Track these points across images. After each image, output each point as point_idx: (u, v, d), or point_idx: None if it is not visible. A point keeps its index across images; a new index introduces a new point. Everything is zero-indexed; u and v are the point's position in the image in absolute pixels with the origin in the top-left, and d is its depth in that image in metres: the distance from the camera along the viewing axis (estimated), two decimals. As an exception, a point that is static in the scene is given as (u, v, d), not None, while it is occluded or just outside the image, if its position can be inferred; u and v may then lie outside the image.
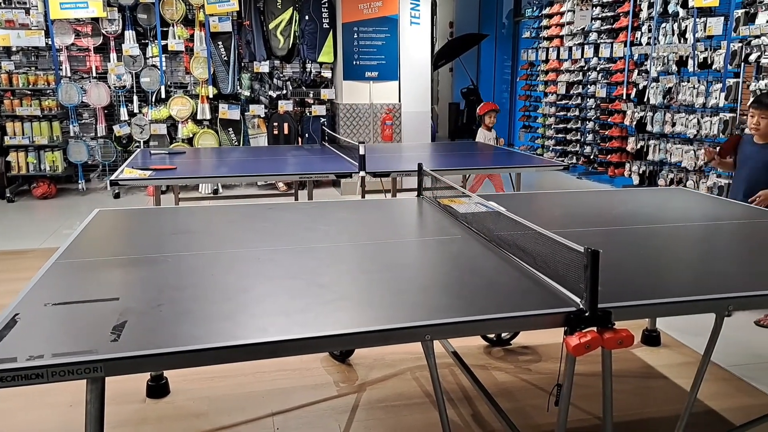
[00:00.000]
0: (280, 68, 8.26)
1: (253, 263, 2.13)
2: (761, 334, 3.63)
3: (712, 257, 2.34)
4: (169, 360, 1.48)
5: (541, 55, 10.41)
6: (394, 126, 7.87)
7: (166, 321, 1.62)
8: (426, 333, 1.62)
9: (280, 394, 2.90)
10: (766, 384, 3.03)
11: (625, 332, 1.64)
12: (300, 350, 1.57)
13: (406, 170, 4.15)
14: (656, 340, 3.49)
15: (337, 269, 2.08)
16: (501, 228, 2.34)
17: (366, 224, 2.78)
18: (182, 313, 1.67)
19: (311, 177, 4.17)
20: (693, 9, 6.72)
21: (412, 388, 2.96)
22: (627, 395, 2.93)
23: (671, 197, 3.39)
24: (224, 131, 8.05)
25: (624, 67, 8.17)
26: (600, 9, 8.74)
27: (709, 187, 6.70)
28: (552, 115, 10.11)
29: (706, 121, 6.70)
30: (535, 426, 2.67)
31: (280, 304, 1.75)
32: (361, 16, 7.69)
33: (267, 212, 2.94)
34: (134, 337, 1.52)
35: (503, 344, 3.45)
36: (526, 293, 1.86)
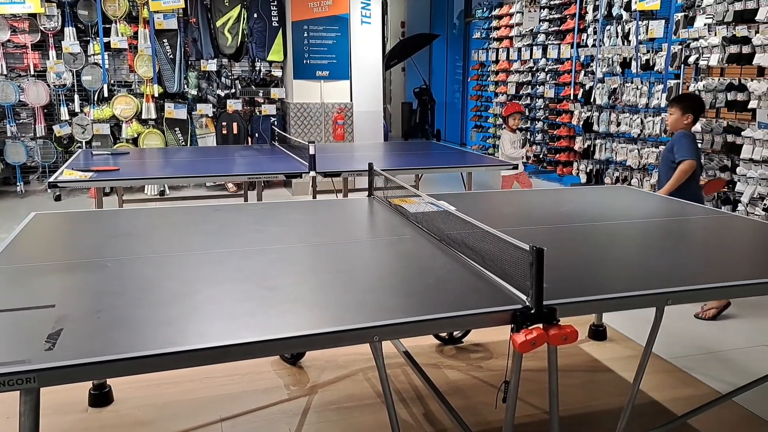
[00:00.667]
0: (228, 67, 8.12)
1: (199, 267, 2.08)
2: (701, 327, 3.76)
3: (652, 253, 2.40)
4: (106, 369, 1.42)
5: (492, 55, 10.55)
6: (345, 125, 7.84)
7: (104, 328, 1.57)
8: (374, 334, 1.61)
9: (230, 399, 2.85)
10: (705, 374, 3.14)
11: (569, 328, 1.67)
12: (246, 355, 1.54)
13: (357, 170, 4.13)
14: (603, 334, 3.57)
15: (286, 271, 2.05)
16: (451, 227, 2.35)
17: (316, 225, 2.76)
18: (121, 320, 1.61)
19: (260, 177, 4.11)
20: (636, 12, 6.92)
21: (364, 389, 2.95)
22: (574, 389, 2.98)
23: (616, 195, 3.47)
24: (171, 131, 7.88)
25: (571, 68, 8.35)
26: (548, 11, 8.91)
27: (653, 184, 6.91)
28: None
29: (649, 121, 6.91)
30: (486, 423, 2.69)
31: (227, 308, 1.72)
32: (311, 15, 7.63)
33: (214, 214, 2.88)
34: (70, 345, 1.46)
35: (455, 342, 3.47)
36: (474, 292, 1.88)
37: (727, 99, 5.80)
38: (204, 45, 7.79)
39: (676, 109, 4.19)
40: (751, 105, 5.57)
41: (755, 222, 2.88)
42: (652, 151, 6.91)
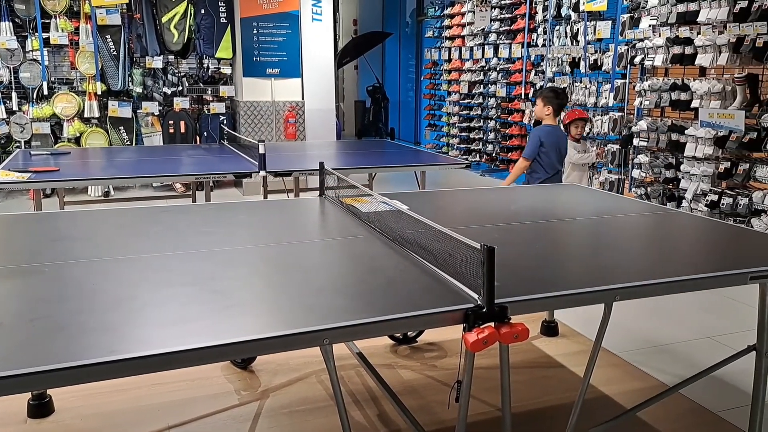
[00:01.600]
0: (175, 64, 7.93)
1: (142, 270, 2.00)
2: (649, 321, 3.85)
3: (602, 250, 2.43)
4: (40, 379, 1.35)
5: (444, 54, 10.61)
6: (297, 124, 7.76)
7: (39, 337, 1.48)
8: (324, 337, 1.57)
9: (178, 406, 2.77)
10: (653, 368, 3.21)
11: (520, 326, 1.66)
12: (191, 362, 1.48)
13: (307, 169, 4.08)
14: (554, 330, 3.61)
15: (234, 274, 2.00)
16: (403, 227, 2.33)
17: (265, 226, 2.70)
18: (58, 328, 1.53)
19: (209, 177, 4.01)
20: (584, 13, 7.05)
21: (317, 392, 2.90)
22: (526, 385, 3.01)
23: (566, 193, 3.51)
24: (115, 130, 7.64)
25: (522, 67, 8.46)
26: (498, 11, 9.00)
27: (602, 182, 7.06)
28: (456, 114, 10.32)
29: (597, 120, 7.05)
30: (440, 422, 2.69)
31: (171, 313, 1.65)
32: (261, 11, 7.52)
33: (160, 215, 2.79)
34: (3, 355, 1.38)
35: (409, 342, 3.46)
36: (427, 292, 1.86)
37: (671, 98, 5.97)
38: (149, 41, 7.59)
39: (539, 101, 4.57)
40: (694, 104, 5.74)
41: (699, 218, 2.95)
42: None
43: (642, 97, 6.35)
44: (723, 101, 5.49)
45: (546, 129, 4.52)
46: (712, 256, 2.45)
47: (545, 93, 4.60)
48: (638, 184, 6.53)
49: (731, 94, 5.46)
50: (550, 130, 4.52)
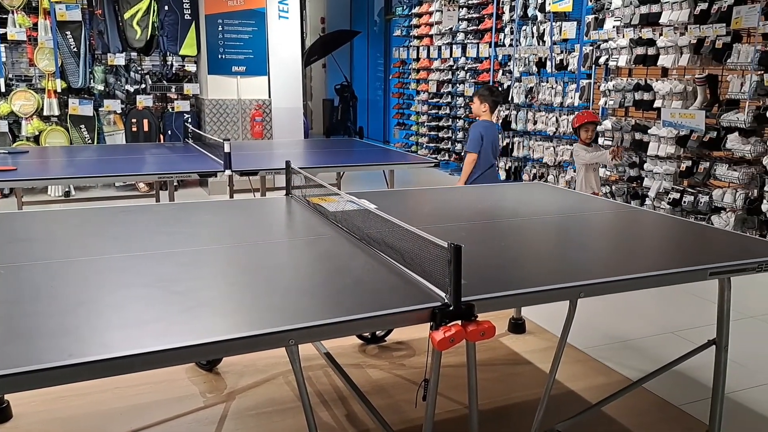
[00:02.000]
0: (137, 61, 7.78)
1: (102, 272, 1.95)
2: (614, 317, 3.90)
3: (567, 247, 2.46)
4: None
5: (412, 53, 10.62)
6: (264, 122, 7.68)
7: (-7, 341, 1.43)
8: (290, 338, 1.55)
9: (141, 410, 2.71)
10: (617, 363, 3.26)
11: (487, 324, 1.67)
12: (152, 365, 1.45)
13: (274, 168, 4.04)
14: (522, 327, 3.64)
15: (197, 274, 1.96)
16: (370, 226, 2.32)
17: (230, 226, 2.66)
18: (13, 331, 1.49)
19: (172, 177, 3.94)
20: (550, 13, 7.13)
21: (284, 393, 2.87)
22: (494, 383, 3.02)
23: (532, 191, 3.55)
24: (75, 128, 7.46)
25: (490, 66, 8.52)
26: (466, 10, 9.05)
27: (567, 181, 7.15)
28: (424, 113, 10.35)
29: (564, 120, 7.14)
30: (408, 420, 2.68)
31: (131, 316, 1.61)
32: (226, 8, 7.43)
33: (122, 215, 2.73)
34: (-47, 361, 1.33)
35: (378, 341, 3.45)
36: (394, 290, 1.85)
37: (635, 98, 6.07)
38: (111, 38, 7.43)
39: (476, 99, 4.80)
40: (657, 104, 5.85)
41: (661, 215, 3.01)
42: (566, 149, 7.15)
43: (606, 97, 6.45)
44: (684, 101, 5.61)
45: (485, 124, 4.79)
46: (674, 253, 2.50)
47: (481, 91, 4.87)
48: (603, 182, 6.63)
49: (692, 95, 5.58)
50: (488, 125, 4.80)
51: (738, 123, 5.08)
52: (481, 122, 4.81)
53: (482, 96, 4.81)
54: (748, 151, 5.03)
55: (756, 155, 5.01)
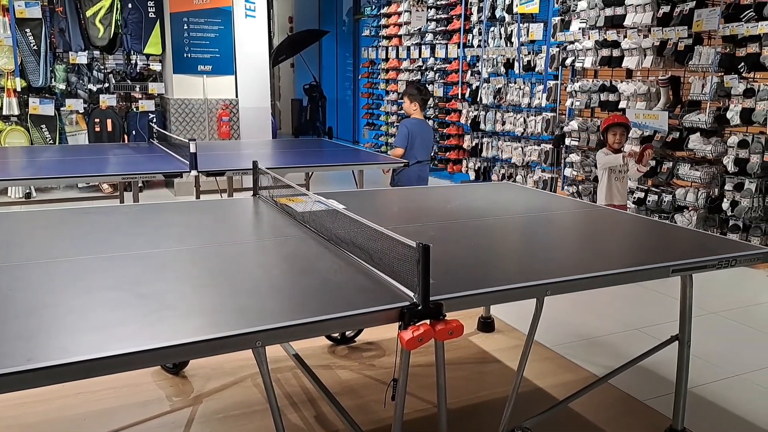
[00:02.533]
0: (100, 59, 7.63)
1: (63, 275, 1.90)
2: (580, 315, 3.96)
3: (534, 246, 2.48)
4: (-52, 393, 1.26)
5: (382, 53, 10.63)
6: (231, 122, 7.61)
7: (-53, 347, 1.39)
8: (256, 339, 1.53)
9: (106, 415, 2.66)
10: (583, 360, 3.30)
11: (455, 323, 1.67)
12: (115, 368, 1.41)
13: (241, 168, 3.99)
14: (491, 326, 3.67)
15: (163, 276, 1.93)
16: (339, 226, 2.31)
17: (196, 227, 2.62)
18: (-31, 337, 1.44)
19: (136, 177, 3.87)
20: (517, 15, 7.20)
21: (252, 396, 2.84)
22: (463, 381, 3.04)
23: (500, 191, 3.58)
24: (36, 128, 7.29)
25: (458, 67, 8.56)
26: (435, 11, 9.09)
27: (535, 181, 7.23)
28: (394, 113, 10.36)
29: (531, 120, 7.22)
30: (378, 420, 2.68)
31: (95, 319, 1.58)
32: (191, 6, 7.33)
33: (83, 216, 2.67)
34: None
35: (347, 342, 3.44)
36: (362, 291, 1.84)
37: (600, 99, 6.17)
38: (73, 36, 7.27)
39: (406, 98, 5.00)
40: (621, 105, 5.96)
41: (626, 214, 3.06)
42: (534, 149, 7.23)
43: (573, 97, 6.54)
44: (648, 102, 5.71)
45: (413, 121, 4.99)
46: (638, 251, 2.54)
47: (410, 90, 5.05)
48: (570, 182, 6.72)
49: (655, 96, 5.69)
50: (416, 122, 5.02)
51: (699, 123, 5.19)
52: (411, 119, 5.02)
53: (411, 95, 5.01)
54: (709, 151, 5.15)
55: (717, 155, 5.13)
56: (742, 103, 4.88)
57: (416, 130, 4.97)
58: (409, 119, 5.00)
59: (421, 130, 5.02)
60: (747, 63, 4.89)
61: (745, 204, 4.90)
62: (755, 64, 4.83)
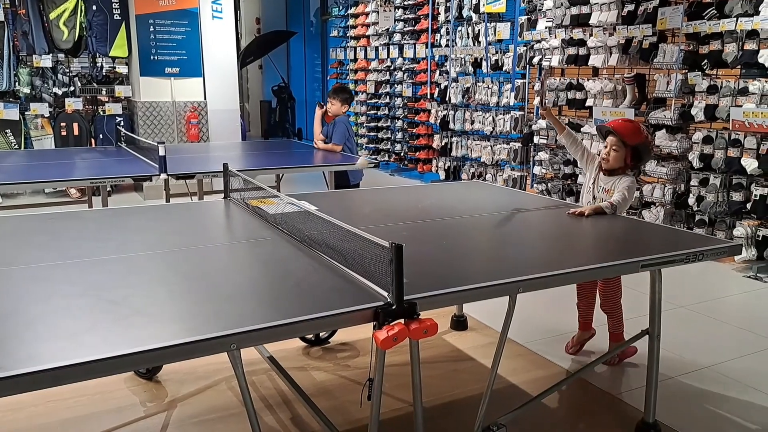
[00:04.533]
0: (65, 63, 7.48)
1: (28, 282, 1.86)
2: (552, 312, 4.00)
3: (506, 244, 2.51)
4: None
5: (350, 54, 10.62)
6: (200, 125, 7.52)
7: None
8: (231, 342, 1.52)
9: (78, 423, 2.61)
10: (556, 356, 3.34)
11: (429, 321, 1.68)
12: (84, 375, 1.40)
13: (211, 171, 3.96)
14: (464, 324, 3.69)
15: (132, 282, 1.90)
16: (311, 228, 2.30)
17: (166, 231, 2.59)
18: (-68, 348, 1.40)
19: (105, 181, 3.80)
20: (484, 14, 7.26)
21: (227, 399, 2.82)
22: (438, 379, 3.05)
23: (471, 190, 3.60)
24: (1, 133, 7.11)
25: (427, 67, 8.60)
26: (402, 11, 9.11)
27: (505, 179, 7.30)
28: (363, 114, 10.36)
29: (500, 119, 7.29)
30: (355, 421, 2.68)
31: (62, 326, 1.55)
32: (157, 8, 7.23)
33: (49, 222, 2.62)
34: None
35: (322, 343, 3.43)
36: (336, 292, 1.84)
37: (568, 97, 6.25)
38: (36, 39, 7.11)
39: (338, 101, 5.11)
40: (588, 103, 6.04)
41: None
42: (503, 148, 7.29)
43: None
44: (615, 100, 5.81)
45: (345, 119, 5.19)
46: (607, 247, 2.58)
47: (343, 93, 5.23)
48: (539, 180, 6.80)
49: (622, 93, 5.79)
50: (347, 119, 5.25)
51: (665, 120, 5.30)
52: (343, 119, 5.20)
53: (344, 98, 5.22)
54: (675, 147, 5.26)
55: (682, 151, 5.24)
56: (705, 99, 4.99)
57: (350, 127, 5.26)
58: (341, 117, 5.17)
59: (351, 126, 5.34)
60: (710, 60, 5.00)
61: (710, 199, 5.01)
62: (717, 61, 4.95)
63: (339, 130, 5.09)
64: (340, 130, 5.09)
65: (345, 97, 5.21)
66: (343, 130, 5.11)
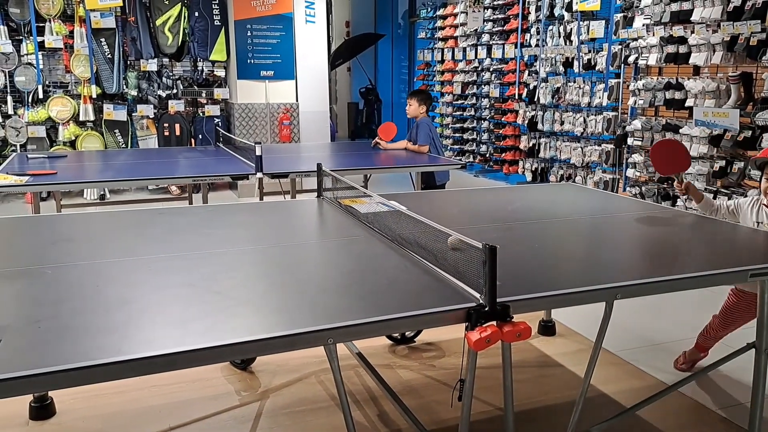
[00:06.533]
0: (169, 67, 7.92)
1: (143, 272, 2.00)
2: (645, 320, 3.86)
3: (601, 249, 2.45)
4: (48, 380, 1.35)
5: (437, 55, 10.62)
6: (292, 126, 7.76)
7: (45, 338, 1.48)
8: (328, 336, 1.57)
9: (179, 407, 2.76)
10: (650, 366, 3.22)
11: (523, 325, 1.67)
12: (194, 362, 1.48)
13: (304, 170, 4.08)
14: (552, 330, 3.62)
15: (235, 274, 2.00)
16: (402, 227, 2.34)
17: (264, 227, 2.70)
18: (63, 329, 1.53)
19: (205, 179, 4.00)
20: (577, 12, 7.08)
21: (316, 392, 2.90)
22: (526, 384, 3.01)
23: (562, 192, 3.53)
24: (110, 133, 7.62)
25: (515, 67, 8.48)
26: (491, 11, 9.02)
27: (596, 182, 7.09)
28: (449, 115, 10.34)
29: (591, 120, 7.08)
30: (441, 421, 2.69)
31: (173, 314, 1.65)
32: (254, 14, 7.52)
33: (158, 217, 2.79)
34: (9, 357, 1.38)
35: (407, 342, 3.46)
36: (428, 291, 1.86)
37: (666, 97, 5.99)
38: (143, 44, 7.57)
39: (415, 101, 5.16)
40: (688, 103, 5.77)
41: (695, 216, 2.97)
42: (594, 149, 7.08)
43: (636, 96, 6.38)
44: (717, 100, 5.52)
45: (428, 120, 5.22)
46: (710, 254, 2.46)
47: (420, 94, 5.28)
48: (633, 183, 6.56)
49: (725, 93, 5.49)
50: (430, 120, 5.28)
51: (773, 122, 4.98)
52: (426, 120, 5.21)
53: (421, 99, 5.25)
54: (783, 150, 4.93)
55: (791, 155, 4.91)
56: (819, 99, 4.66)
57: (434, 128, 5.27)
58: (424, 118, 5.18)
59: (434, 127, 5.35)
60: (825, 58, 4.67)
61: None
62: (834, 59, 4.61)
63: (423, 131, 5.12)
64: (424, 131, 5.13)
65: (422, 98, 5.22)
66: (427, 130, 5.14)
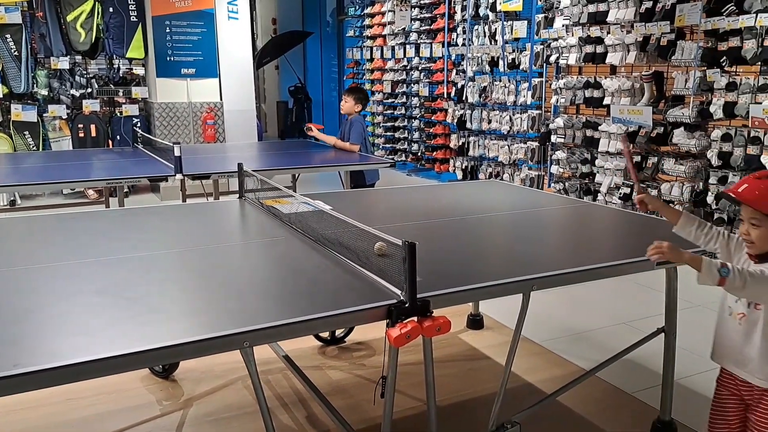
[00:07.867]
0: (83, 65, 7.58)
1: (49, 280, 1.89)
2: (568, 310, 3.98)
3: (520, 243, 2.50)
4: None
5: (366, 53, 10.62)
6: (216, 126, 7.58)
7: (-69, 355, 1.38)
8: (243, 340, 1.53)
9: (96, 420, 2.64)
10: (572, 354, 3.32)
11: (442, 319, 1.68)
12: (103, 371, 1.41)
13: (226, 171, 3.98)
14: (480, 323, 3.68)
15: (149, 280, 1.92)
16: (325, 227, 2.31)
17: (182, 230, 2.62)
18: (-47, 344, 1.43)
19: (122, 182, 3.84)
20: (501, 13, 7.23)
21: (242, 398, 2.84)
22: (453, 378, 3.05)
23: (488, 190, 3.60)
24: (20, 135, 7.22)
25: (443, 66, 8.58)
26: (418, 10, 9.10)
27: (522, 179, 7.26)
28: (380, 114, 10.36)
29: (517, 118, 7.25)
30: (369, 419, 2.68)
31: (81, 323, 1.58)
32: (173, 9, 7.30)
33: (70, 222, 2.66)
34: None
35: (338, 342, 3.44)
36: (349, 290, 1.85)
37: (585, 96, 6.20)
38: (53, 41, 7.21)
39: (351, 99, 5.11)
40: (606, 101, 5.99)
41: (612, 210, 3.08)
42: (521, 147, 7.25)
43: (558, 95, 6.57)
44: (632, 98, 5.75)
45: (360, 119, 5.16)
46: (623, 245, 2.56)
47: (357, 92, 5.23)
48: (557, 179, 6.76)
49: (639, 91, 5.73)
50: (362, 119, 5.21)
51: (683, 118, 5.24)
52: (359, 118, 5.16)
53: (357, 97, 5.19)
54: (693, 145, 5.19)
55: (700, 149, 5.18)
56: (724, 96, 4.93)
57: (365, 127, 5.24)
58: (357, 116, 5.15)
59: (365, 126, 5.31)
60: (729, 57, 4.93)
61: (728, 197, 4.94)
62: (736, 57, 4.88)
63: (356, 130, 5.06)
64: (357, 129, 5.07)
65: (358, 96, 5.17)
66: (360, 129, 5.09)
